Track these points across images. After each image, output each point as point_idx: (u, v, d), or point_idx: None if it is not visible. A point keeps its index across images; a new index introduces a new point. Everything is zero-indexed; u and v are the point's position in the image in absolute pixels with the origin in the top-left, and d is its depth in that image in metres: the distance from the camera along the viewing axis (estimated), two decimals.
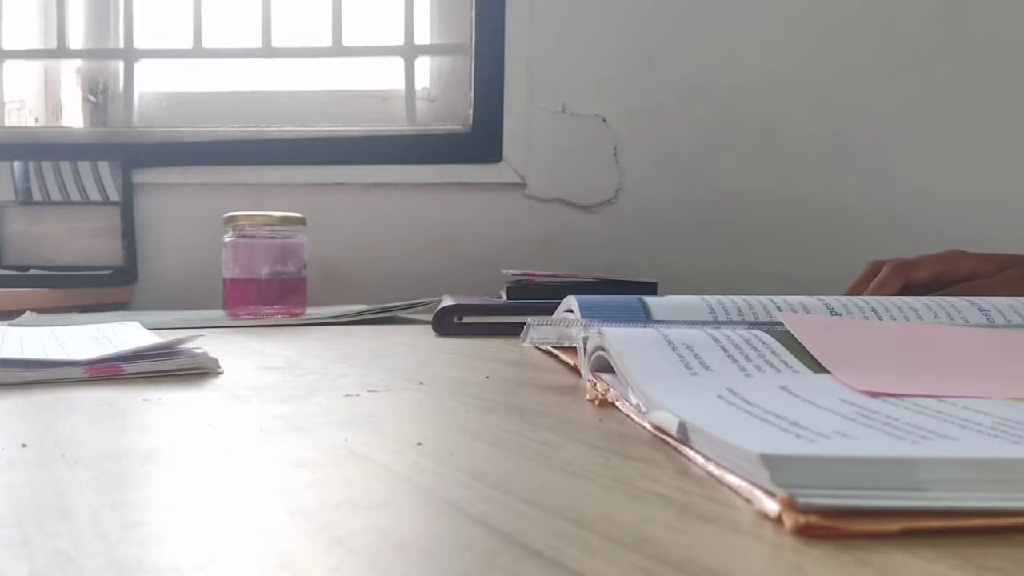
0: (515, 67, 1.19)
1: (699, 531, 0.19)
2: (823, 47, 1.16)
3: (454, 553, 0.18)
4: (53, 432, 0.30)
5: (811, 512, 0.18)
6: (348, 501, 0.21)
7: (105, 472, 0.24)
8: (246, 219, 0.87)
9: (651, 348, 0.34)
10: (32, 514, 0.20)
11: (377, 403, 0.37)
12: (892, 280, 0.67)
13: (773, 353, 0.35)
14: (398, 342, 0.67)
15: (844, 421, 0.25)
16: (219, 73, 1.28)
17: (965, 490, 0.19)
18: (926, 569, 0.16)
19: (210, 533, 0.19)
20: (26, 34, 1.29)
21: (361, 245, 1.21)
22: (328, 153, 1.21)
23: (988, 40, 1.15)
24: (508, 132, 1.19)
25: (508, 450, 0.27)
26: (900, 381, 0.30)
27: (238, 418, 0.33)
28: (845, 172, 1.16)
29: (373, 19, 1.28)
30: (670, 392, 0.30)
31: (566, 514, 0.20)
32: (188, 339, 0.48)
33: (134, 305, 1.21)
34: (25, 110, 1.29)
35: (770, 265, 1.15)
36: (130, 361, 0.45)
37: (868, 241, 1.14)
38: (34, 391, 0.40)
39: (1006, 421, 0.25)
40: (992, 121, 1.15)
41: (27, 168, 1.22)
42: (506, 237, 1.19)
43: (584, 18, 1.19)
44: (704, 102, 1.18)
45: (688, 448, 0.25)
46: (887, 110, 1.16)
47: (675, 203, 1.18)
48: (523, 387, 0.41)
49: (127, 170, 1.21)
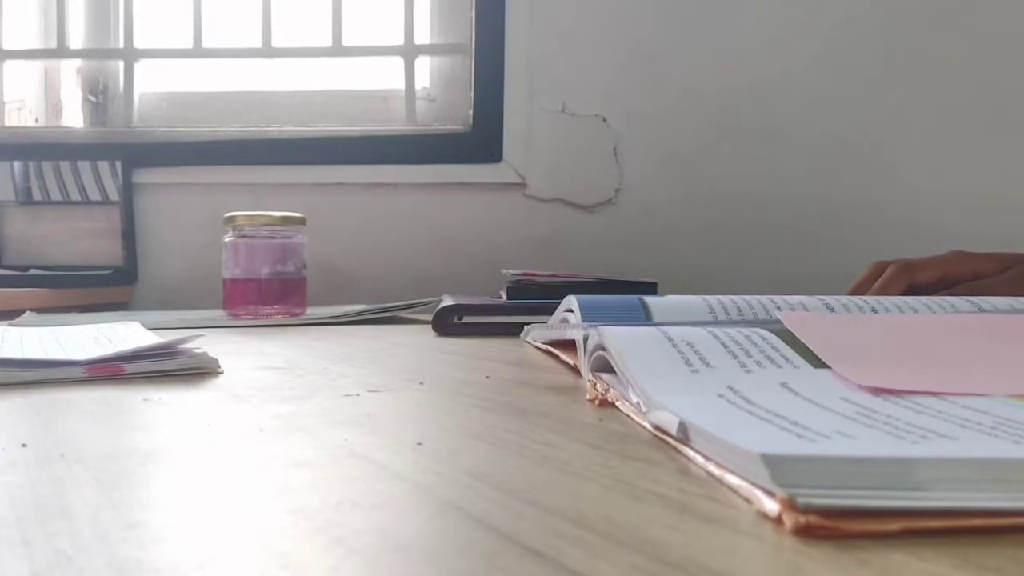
0: (515, 67, 1.19)
1: (699, 531, 0.19)
2: (823, 47, 1.16)
3: (454, 553, 0.18)
4: (53, 432, 0.30)
5: (811, 512, 0.18)
6: (348, 501, 0.21)
7: (105, 472, 0.24)
8: (246, 219, 0.87)
9: (651, 346, 0.34)
10: (32, 514, 0.20)
11: (377, 403, 0.37)
12: (896, 281, 0.67)
13: (773, 348, 0.35)
14: (398, 342, 0.67)
15: (845, 420, 0.25)
16: (219, 73, 1.28)
17: (965, 490, 0.19)
18: (926, 569, 0.16)
19: (210, 533, 0.19)
20: (26, 34, 1.29)
21: (361, 245, 1.21)
22: (328, 153, 1.21)
23: (988, 40, 1.15)
24: (508, 132, 1.19)
25: (508, 450, 0.27)
26: (899, 375, 0.30)
27: (238, 418, 0.33)
28: (845, 172, 1.16)
29: (373, 19, 1.28)
30: (670, 391, 0.30)
31: (566, 514, 0.20)
32: (188, 339, 0.48)
33: (134, 305, 1.21)
34: (25, 110, 1.29)
35: (770, 265, 1.15)
36: (130, 361, 0.45)
37: (868, 241, 1.14)
38: (34, 391, 0.40)
39: (1006, 421, 0.25)
40: (992, 121, 1.15)
41: (27, 168, 1.22)
42: (506, 237, 1.19)
43: (584, 18, 1.19)
44: (704, 102, 1.18)
45: (688, 448, 0.25)
46: (887, 110, 1.16)
47: (675, 203, 1.18)
48: (523, 387, 0.41)
49: (127, 170, 1.21)
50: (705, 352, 0.34)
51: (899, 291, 0.66)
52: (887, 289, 0.66)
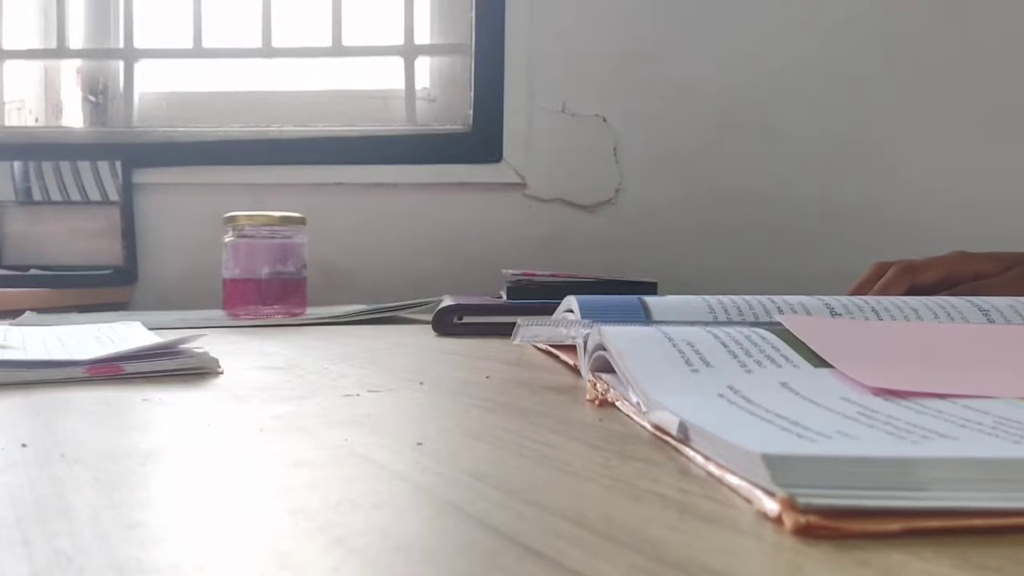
0: (515, 67, 1.19)
1: (699, 531, 0.19)
2: (823, 47, 1.16)
3: (454, 553, 0.18)
4: (53, 432, 0.30)
5: (811, 512, 0.18)
6: (348, 501, 0.21)
7: (105, 472, 0.24)
8: (246, 219, 0.87)
9: (651, 345, 0.34)
10: (32, 514, 0.20)
11: (377, 403, 0.37)
12: (898, 282, 0.67)
13: (773, 348, 0.35)
14: (398, 342, 0.67)
15: (845, 420, 0.25)
16: (219, 73, 1.28)
17: (966, 490, 0.19)
18: (926, 569, 0.16)
19: (210, 533, 0.19)
20: (26, 34, 1.29)
21: (361, 245, 1.21)
22: (328, 153, 1.21)
23: (988, 40, 1.15)
24: (508, 132, 1.19)
25: (508, 450, 0.27)
26: (904, 377, 0.30)
27: (238, 418, 0.33)
28: (845, 172, 1.16)
29: (373, 19, 1.28)
30: (670, 391, 0.30)
31: (566, 514, 0.20)
32: (188, 339, 0.48)
33: (134, 305, 1.21)
34: (25, 110, 1.29)
35: (770, 265, 1.15)
36: (130, 361, 0.45)
37: (868, 241, 1.14)
38: (34, 391, 0.40)
39: (1007, 421, 0.25)
40: (992, 121, 1.15)
41: (27, 168, 1.22)
42: (506, 237, 1.19)
43: (584, 18, 1.19)
44: (704, 102, 1.18)
45: (688, 448, 0.25)
46: (887, 110, 1.16)
47: (675, 203, 1.18)
48: (523, 387, 0.41)
49: (127, 170, 1.21)
50: (705, 352, 0.34)
51: (901, 292, 0.66)
52: (889, 290, 0.66)
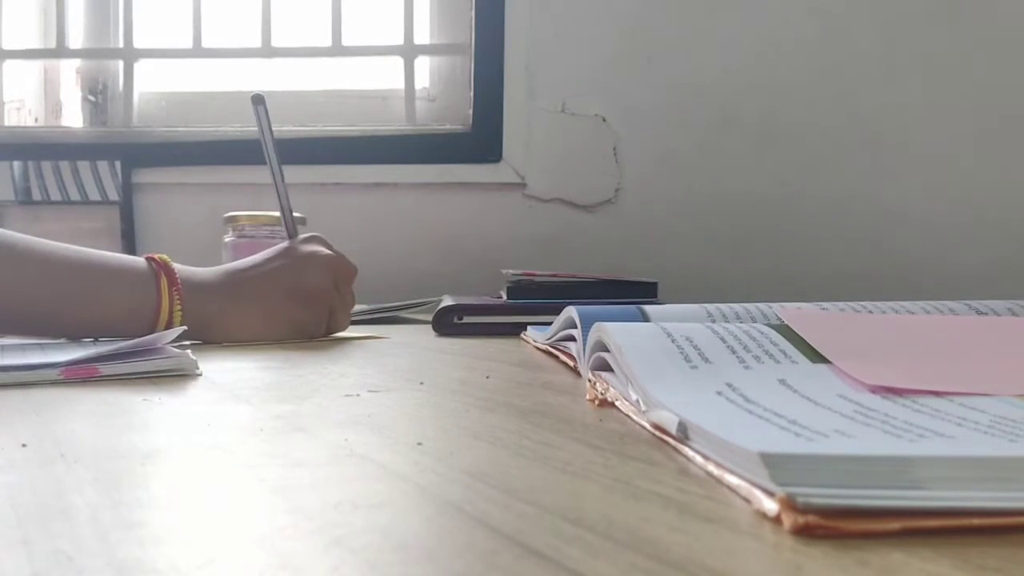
0: (515, 67, 1.19)
1: (699, 531, 0.19)
2: (823, 47, 1.16)
3: (454, 553, 0.18)
4: (53, 432, 0.30)
5: (810, 512, 0.18)
6: (348, 501, 0.21)
7: (105, 472, 0.24)
8: (246, 219, 0.87)
9: (651, 341, 0.34)
10: (32, 514, 0.20)
11: (377, 403, 0.37)
12: None
13: (772, 343, 0.35)
14: (398, 342, 0.67)
15: (842, 419, 0.25)
16: (219, 73, 1.28)
17: (963, 488, 0.19)
18: (926, 569, 0.16)
19: (210, 533, 0.19)
20: (26, 34, 1.29)
21: (361, 245, 1.21)
22: (328, 153, 1.21)
23: (988, 40, 1.15)
24: (508, 132, 1.19)
25: (508, 450, 0.27)
26: (901, 374, 0.30)
27: (238, 418, 0.33)
28: (845, 172, 1.16)
29: (373, 19, 1.27)
30: (670, 389, 0.30)
31: (566, 514, 0.20)
32: (166, 336, 0.47)
33: None
34: (25, 110, 1.29)
35: (770, 265, 1.15)
36: (106, 363, 0.44)
37: (868, 241, 1.14)
38: (34, 391, 0.40)
39: (1003, 419, 0.25)
40: (992, 121, 1.15)
41: (27, 168, 1.22)
42: (506, 237, 1.19)
43: (584, 18, 1.19)
44: (704, 102, 1.18)
45: (688, 447, 0.25)
46: (887, 110, 1.16)
47: (675, 203, 1.18)
48: (523, 387, 0.41)
49: (127, 170, 1.21)
50: (704, 347, 0.34)
51: None
52: None
